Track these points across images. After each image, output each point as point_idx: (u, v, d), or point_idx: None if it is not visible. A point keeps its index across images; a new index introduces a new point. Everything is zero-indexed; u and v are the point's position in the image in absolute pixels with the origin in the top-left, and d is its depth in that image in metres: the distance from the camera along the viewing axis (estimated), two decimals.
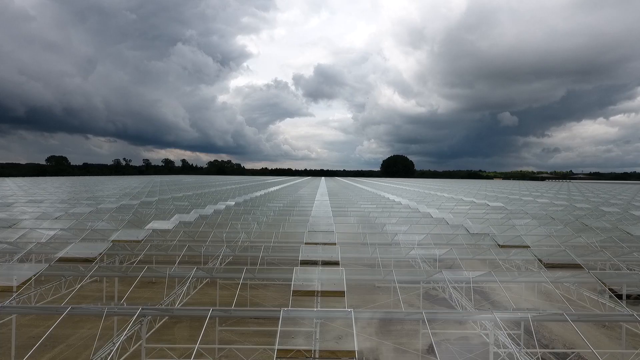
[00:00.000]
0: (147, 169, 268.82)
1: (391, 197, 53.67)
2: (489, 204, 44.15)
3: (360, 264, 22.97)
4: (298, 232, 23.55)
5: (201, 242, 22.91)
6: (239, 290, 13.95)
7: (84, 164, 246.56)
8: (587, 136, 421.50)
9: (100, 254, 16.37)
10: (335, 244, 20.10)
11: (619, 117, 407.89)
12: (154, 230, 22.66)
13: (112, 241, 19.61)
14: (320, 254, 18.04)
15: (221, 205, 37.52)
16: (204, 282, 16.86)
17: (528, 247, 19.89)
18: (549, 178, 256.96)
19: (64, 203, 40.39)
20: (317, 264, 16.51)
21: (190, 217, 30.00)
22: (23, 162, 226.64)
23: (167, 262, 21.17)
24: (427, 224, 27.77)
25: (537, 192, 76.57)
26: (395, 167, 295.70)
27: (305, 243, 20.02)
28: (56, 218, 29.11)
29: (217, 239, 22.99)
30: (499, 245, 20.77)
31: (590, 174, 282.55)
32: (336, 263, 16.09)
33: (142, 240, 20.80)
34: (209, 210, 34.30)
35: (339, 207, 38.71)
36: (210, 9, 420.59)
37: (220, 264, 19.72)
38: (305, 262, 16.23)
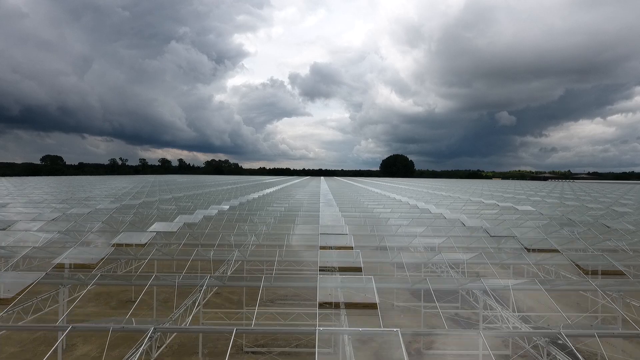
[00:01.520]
0: (144, 168, 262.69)
1: (403, 199, 48.42)
2: (518, 207, 38.92)
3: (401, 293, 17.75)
4: (307, 249, 18.31)
5: (182, 261, 17.63)
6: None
7: (79, 163, 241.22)
8: (584, 136, 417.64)
9: (19, 293, 11.05)
10: (360, 269, 14.90)
11: (616, 117, 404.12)
12: (117, 248, 17.30)
13: (54, 268, 14.29)
14: (340, 284, 12.88)
15: (213, 210, 32.16)
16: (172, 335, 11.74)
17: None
18: (551, 178, 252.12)
19: (30, 206, 35.03)
20: (338, 307, 11.34)
21: (174, 225, 24.67)
22: (19, 161, 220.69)
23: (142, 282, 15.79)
24: (466, 235, 22.63)
25: (554, 193, 71.37)
26: (395, 166, 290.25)
27: (320, 269, 14.83)
28: (7, 228, 23.76)
29: (202, 258, 17.71)
30: (589, 273, 15.42)
31: (588, 173, 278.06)
32: (372, 306, 10.89)
33: (100, 261, 15.47)
34: (197, 216, 28.98)
35: (350, 213, 33.31)
36: (203, 6, 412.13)
37: (205, 295, 14.47)
38: (325, 305, 11.05)
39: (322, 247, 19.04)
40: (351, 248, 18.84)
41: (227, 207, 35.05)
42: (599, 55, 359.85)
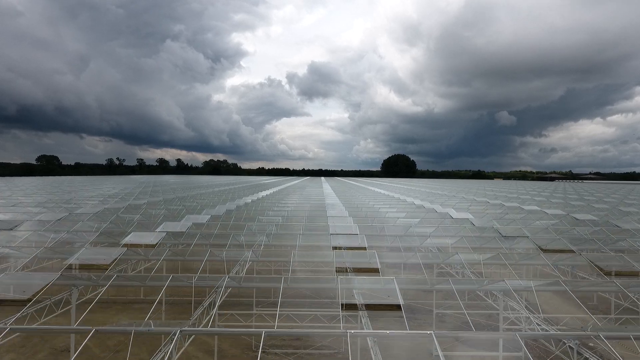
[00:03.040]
0: (140, 168, 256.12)
1: (426, 205, 41.31)
2: (577, 217, 31.48)
3: None
4: (322, 302, 13.09)
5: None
6: None
7: (75, 163, 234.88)
8: (584, 136, 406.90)
9: None
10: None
11: (616, 117, 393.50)
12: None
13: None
14: None
15: (187, 223, 24.84)
16: None
17: None
18: (557, 178, 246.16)
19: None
20: None
21: (119, 251, 17.85)
22: (18, 161, 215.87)
23: None
24: (536, 262, 17.39)
25: (589, 196, 61.12)
26: (397, 166, 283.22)
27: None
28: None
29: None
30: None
31: (591, 173, 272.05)
32: None
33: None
34: (165, 228, 22.50)
35: (366, 223, 26.67)
36: (197, 3, 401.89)
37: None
38: None
39: (347, 299, 13.11)
40: (395, 297, 13.16)
41: (208, 217, 27.76)
42: (600, 55, 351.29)
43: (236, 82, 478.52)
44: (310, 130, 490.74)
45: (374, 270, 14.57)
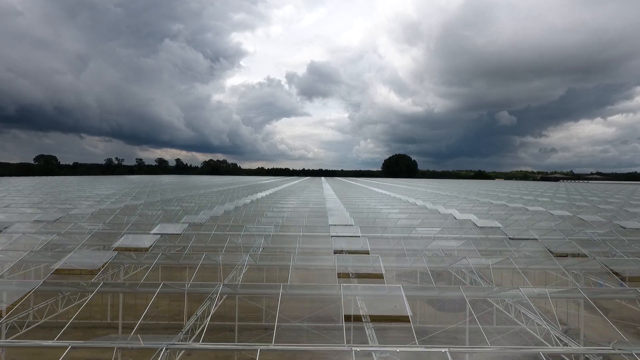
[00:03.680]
0: (139, 168, 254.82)
1: (428, 205, 39.73)
2: (583, 218, 29.84)
3: None
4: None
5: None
6: None
7: (74, 163, 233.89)
8: (584, 136, 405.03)
9: None
10: None
11: (616, 117, 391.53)
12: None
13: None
14: None
15: (184, 224, 23.30)
16: None
17: None
18: (561, 178, 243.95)
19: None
20: None
21: (109, 255, 16.70)
22: (17, 161, 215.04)
23: None
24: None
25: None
26: (398, 166, 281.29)
27: None
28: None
29: None
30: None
31: (592, 174, 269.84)
32: None
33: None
34: (161, 230, 21.42)
35: (371, 226, 25.16)
36: (197, 3, 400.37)
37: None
38: None
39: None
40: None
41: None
42: (600, 55, 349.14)
43: (236, 82, 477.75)
44: (310, 130, 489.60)
45: (378, 276, 14.24)
